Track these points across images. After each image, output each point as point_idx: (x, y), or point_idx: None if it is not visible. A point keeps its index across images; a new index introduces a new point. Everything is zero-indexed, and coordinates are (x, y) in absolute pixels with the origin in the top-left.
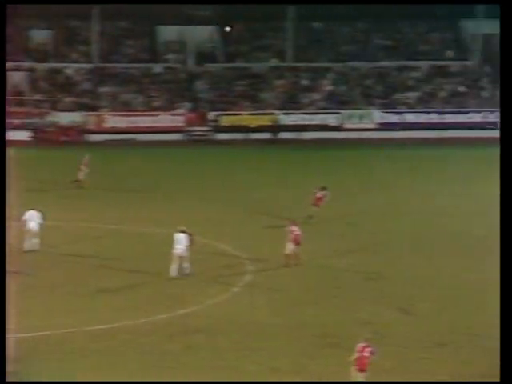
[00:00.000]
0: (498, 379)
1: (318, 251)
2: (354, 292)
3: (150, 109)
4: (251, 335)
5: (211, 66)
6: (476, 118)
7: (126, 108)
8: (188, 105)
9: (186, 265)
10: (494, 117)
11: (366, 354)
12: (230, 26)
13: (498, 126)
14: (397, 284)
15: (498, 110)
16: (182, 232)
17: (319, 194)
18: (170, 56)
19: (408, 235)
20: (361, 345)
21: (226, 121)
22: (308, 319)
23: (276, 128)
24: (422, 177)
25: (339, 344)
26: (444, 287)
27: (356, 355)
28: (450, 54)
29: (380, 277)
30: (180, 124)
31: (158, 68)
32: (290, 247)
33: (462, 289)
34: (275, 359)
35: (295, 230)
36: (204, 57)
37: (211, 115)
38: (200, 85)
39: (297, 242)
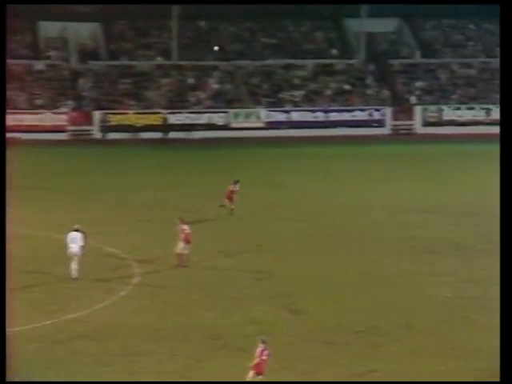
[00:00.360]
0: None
1: (207, 251)
2: (243, 292)
3: (34, 107)
4: (140, 339)
5: (94, 64)
6: (361, 115)
7: (9, 106)
8: (72, 103)
9: (75, 266)
10: (379, 114)
11: (264, 358)
12: (113, 23)
13: (384, 123)
14: (285, 283)
15: (383, 107)
16: (76, 230)
17: (232, 187)
18: (52, 53)
19: (297, 233)
20: (259, 348)
21: (112, 120)
22: (198, 321)
23: (165, 127)
24: (310, 175)
25: (229, 345)
26: (332, 285)
27: (256, 360)
28: (334, 52)
29: (269, 276)
30: (63, 123)
31: (39, 65)
32: (180, 246)
33: (351, 286)
34: (164, 363)
35: (186, 228)
36: (87, 54)
37: (96, 114)
38: (83, 83)
39: (187, 241)
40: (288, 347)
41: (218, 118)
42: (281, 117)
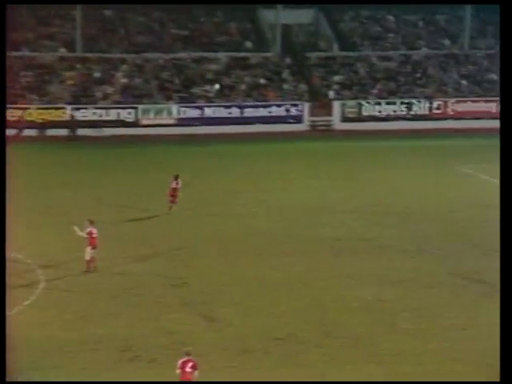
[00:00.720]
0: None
1: (117, 255)
2: (156, 300)
3: None
4: (44, 353)
5: None
6: (278, 111)
7: None
8: None
9: None
10: (296, 110)
11: (188, 370)
12: (12, 11)
13: (301, 119)
14: (201, 289)
15: (301, 102)
16: None
17: (174, 184)
18: None
19: (213, 236)
20: (182, 360)
21: (12, 115)
22: (107, 331)
23: (72, 124)
24: (223, 173)
25: (142, 357)
26: (250, 290)
27: (178, 372)
28: (249, 45)
29: (184, 282)
30: None
31: None
32: (88, 251)
33: (269, 290)
34: (72, 378)
35: (93, 232)
36: None
37: None
38: None
39: (94, 246)
40: (204, 358)
41: (126, 115)
42: (193, 113)
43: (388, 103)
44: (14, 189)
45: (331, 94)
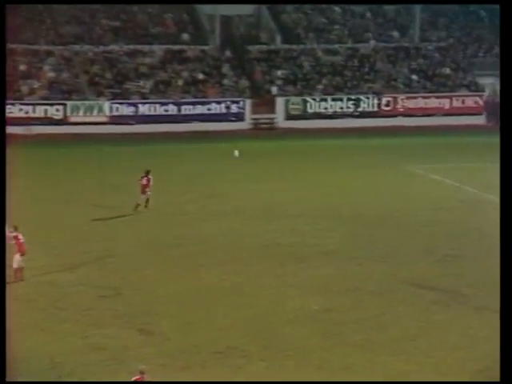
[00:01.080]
0: None
1: (43, 265)
2: (85, 312)
3: None
4: None
5: None
6: (218, 108)
7: None
8: None
9: None
10: (237, 107)
11: None
12: None
13: (243, 117)
14: (135, 300)
15: (242, 99)
16: None
17: (144, 181)
18: None
19: (149, 244)
20: (135, 377)
21: None
22: (32, 348)
23: None
24: (160, 176)
25: (70, 375)
26: (186, 301)
27: None
28: (186, 37)
29: (116, 293)
30: None
31: None
32: (17, 259)
33: (207, 301)
34: None
35: (20, 238)
36: None
37: None
38: None
39: (22, 253)
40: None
41: (54, 112)
42: (127, 110)
43: (334, 99)
44: None
45: (274, 89)
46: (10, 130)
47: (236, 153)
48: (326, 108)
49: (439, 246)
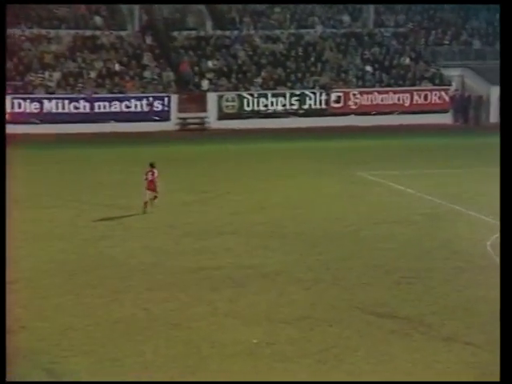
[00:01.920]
0: None
1: None
2: None
3: None
4: None
5: None
6: (138, 106)
7: None
8: None
9: None
10: (161, 104)
11: None
12: None
13: (168, 115)
14: (42, 336)
15: (167, 95)
16: None
17: (150, 176)
18: None
19: (57, 267)
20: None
21: None
22: None
23: None
24: (68, 185)
25: None
26: (102, 335)
27: None
28: (98, 20)
29: (19, 327)
30: None
31: None
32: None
33: (124, 335)
34: None
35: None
36: None
37: None
38: None
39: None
40: None
41: None
42: (29, 107)
43: (275, 95)
44: None
45: (205, 84)
46: None
47: None
48: (265, 105)
49: (399, 266)
